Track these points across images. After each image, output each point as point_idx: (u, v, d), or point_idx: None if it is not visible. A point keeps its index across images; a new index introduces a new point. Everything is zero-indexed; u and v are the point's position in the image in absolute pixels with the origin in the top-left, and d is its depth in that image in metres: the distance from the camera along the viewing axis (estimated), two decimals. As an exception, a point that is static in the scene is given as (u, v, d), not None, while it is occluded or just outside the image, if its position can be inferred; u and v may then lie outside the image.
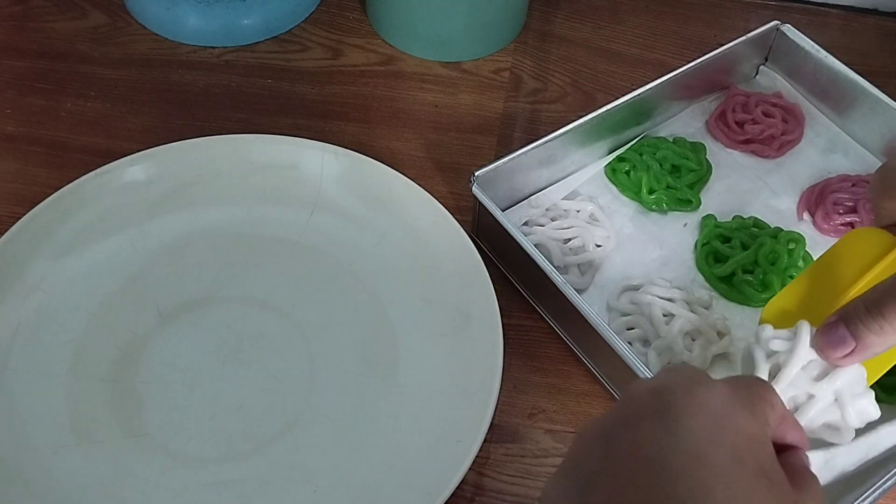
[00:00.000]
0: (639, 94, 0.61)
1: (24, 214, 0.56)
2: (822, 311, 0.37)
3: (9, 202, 0.61)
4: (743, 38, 0.66)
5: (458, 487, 0.46)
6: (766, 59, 0.69)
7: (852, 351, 0.36)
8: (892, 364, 0.39)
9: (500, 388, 0.50)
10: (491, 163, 0.57)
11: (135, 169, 0.59)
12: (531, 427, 0.53)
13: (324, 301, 0.57)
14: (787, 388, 0.37)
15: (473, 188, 0.56)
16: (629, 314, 0.56)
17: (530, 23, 0.76)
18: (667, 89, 0.63)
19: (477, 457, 0.47)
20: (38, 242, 0.56)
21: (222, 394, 0.53)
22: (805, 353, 0.37)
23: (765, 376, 0.38)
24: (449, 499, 0.46)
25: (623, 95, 0.61)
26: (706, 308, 0.56)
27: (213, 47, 0.72)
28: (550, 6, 0.77)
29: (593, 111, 0.60)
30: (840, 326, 0.36)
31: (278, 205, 0.60)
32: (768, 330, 0.38)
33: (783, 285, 0.57)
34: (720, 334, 0.55)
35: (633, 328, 0.55)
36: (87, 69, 0.70)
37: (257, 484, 0.49)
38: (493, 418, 0.49)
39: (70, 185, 0.57)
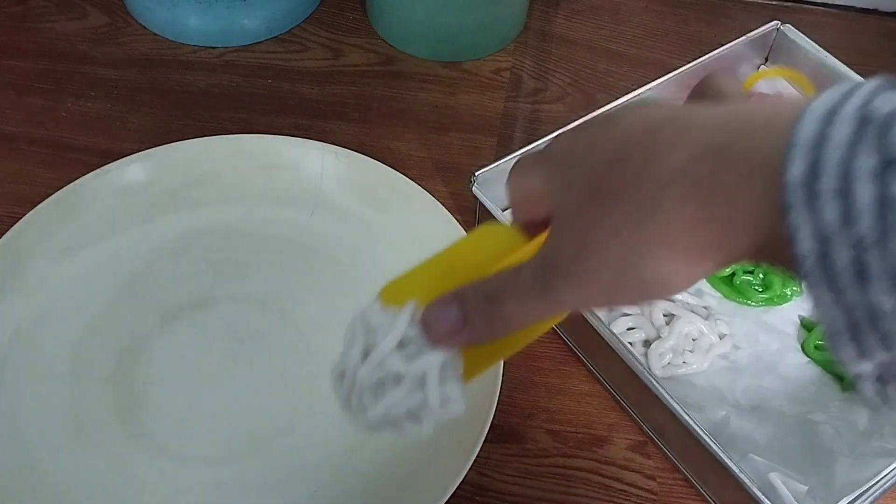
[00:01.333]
0: (639, 94, 0.61)
1: (25, 214, 0.56)
2: (436, 293, 0.35)
3: (9, 202, 0.61)
4: (743, 38, 0.66)
5: (458, 487, 0.46)
6: (766, 59, 0.69)
7: (458, 332, 0.34)
8: (490, 365, 0.37)
9: (500, 388, 0.50)
10: (491, 163, 0.57)
11: (135, 169, 0.59)
12: (531, 427, 0.53)
13: (324, 301, 0.56)
14: (377, 368, 0.35)
15: (474, 188, 0.56)
16: (629, 314, 0.56)
17: (530, 23, 0.76)
18: (667, 89, 0.63)
19: (477, 457, 0.47)
20: (39, 242, 0.56)
21: (222, 394, 0.53)
22: (403, 328, 0.34)
23: (360, 351, 0.36)
24: (449, 499, 0.46)
25: (623, 95, 0.61)
26: (706, 308, 0.56)
27: (214, 47, 0.72)
28: (550, 6, 0.77)
29: (593, 111, 0.60)
30: (453, 304, 0.34)
31: (278, 205, 0.60)
32: (372, 305, 0.36)
33: (783, 286, 0.57)
34: (720, 335, 0.55)
35: (633, 328, 0.55)
36: (88, 69, 0.70)
37: (257, 484, 0.49)
38: (494, 418, 0.49)
39: (70, 185, 0.57)
